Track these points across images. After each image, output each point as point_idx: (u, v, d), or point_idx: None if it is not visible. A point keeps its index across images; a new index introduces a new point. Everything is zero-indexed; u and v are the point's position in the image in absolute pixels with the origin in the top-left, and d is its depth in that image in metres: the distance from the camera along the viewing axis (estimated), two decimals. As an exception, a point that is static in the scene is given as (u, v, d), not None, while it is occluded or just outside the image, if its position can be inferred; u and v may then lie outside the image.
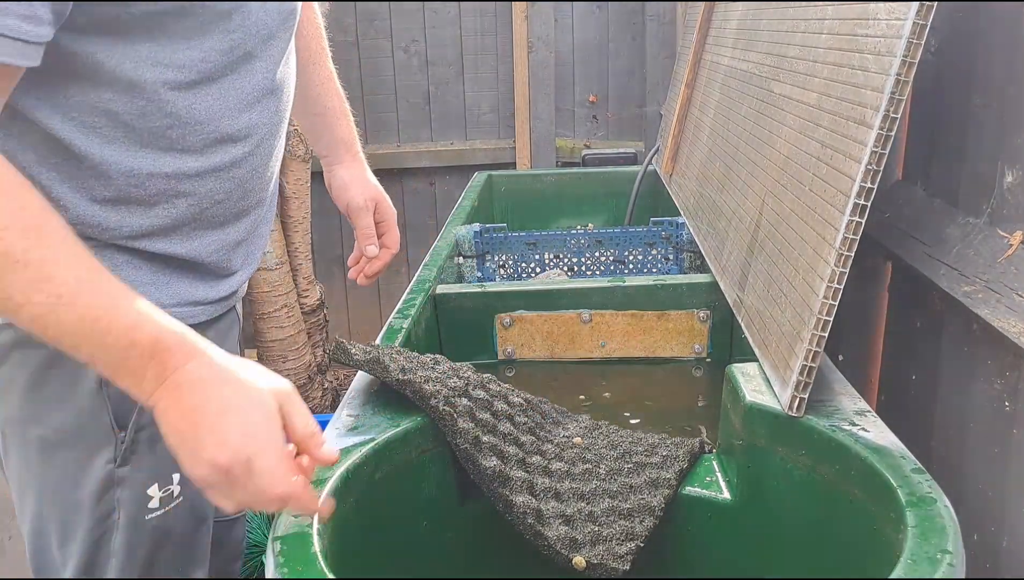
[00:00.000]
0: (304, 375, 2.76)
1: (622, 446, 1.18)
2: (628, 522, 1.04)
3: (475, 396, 1.12)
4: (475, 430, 1.07)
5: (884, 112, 0.94)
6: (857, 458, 0.93)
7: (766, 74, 1.45)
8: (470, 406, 1.10)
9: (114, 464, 1.06)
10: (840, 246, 0.97)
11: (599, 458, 1.15)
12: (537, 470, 1.08)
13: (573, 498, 1.07)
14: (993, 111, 1.15)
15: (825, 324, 0.98)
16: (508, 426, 1.12)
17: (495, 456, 1.06)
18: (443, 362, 1.20)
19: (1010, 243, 1.07)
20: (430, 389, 1.07)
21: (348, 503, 0.93)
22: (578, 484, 1.08)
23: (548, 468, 1.10)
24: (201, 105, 0.99)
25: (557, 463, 1.12)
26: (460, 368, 1.19)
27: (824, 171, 1.07)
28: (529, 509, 1.02)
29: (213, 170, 1.03)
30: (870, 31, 1.02)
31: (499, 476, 1.03)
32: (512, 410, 1.16)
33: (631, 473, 1.12)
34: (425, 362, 1.18)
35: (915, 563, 0.77)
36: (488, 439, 1.07)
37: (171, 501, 1.10)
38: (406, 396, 1.08)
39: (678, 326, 1.58)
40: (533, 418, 1.19)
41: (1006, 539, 1.09)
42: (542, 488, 1.06)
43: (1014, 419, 1.06)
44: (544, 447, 1.14)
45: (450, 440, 1.05)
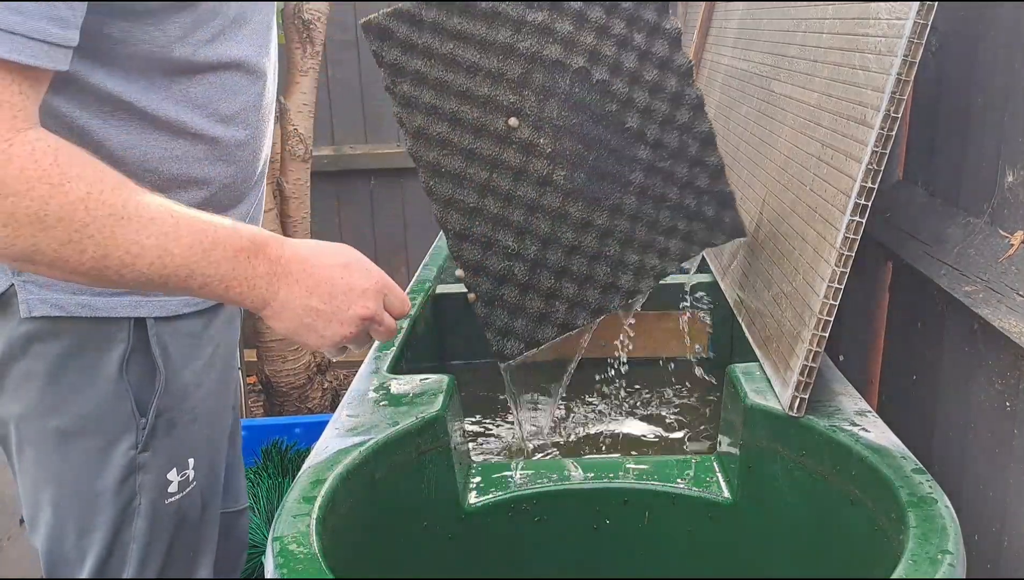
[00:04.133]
0: (304, 375, 2.76)
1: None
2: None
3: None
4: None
5: (885, 112, 0.94)
6: (858, 458, 0.93)
7: (766, 74, 1.45)
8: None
9: (136, 450, 1.07)
10: (841, 246, 0.97)
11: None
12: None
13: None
14: (994, 111, 1.15)
15: (826, 324, 0.98)
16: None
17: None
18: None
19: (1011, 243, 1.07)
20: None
21: (348, 503, 0.93)
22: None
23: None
24: (198, 90, 1.00)
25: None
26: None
27: (825, 171, 1.07)
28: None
29: (220, 154, 1.05)
30: (871, 31, 1.02)
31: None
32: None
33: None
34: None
35: (916, 563, 0.77)
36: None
37: (187, 485, 1.13)
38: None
39: (678, 326, 1.58)
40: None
41: (1007, 539, 1.08)
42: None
43: (1015, 419, 1.06)
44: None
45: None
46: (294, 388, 2.71)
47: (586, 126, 1.13)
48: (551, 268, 1.15)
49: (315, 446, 1.01)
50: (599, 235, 1.16)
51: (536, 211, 1.13)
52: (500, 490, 1.09)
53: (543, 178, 1.12)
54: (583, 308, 1.17)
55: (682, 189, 1.18)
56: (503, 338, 1.15)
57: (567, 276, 1.16)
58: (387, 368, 1.24)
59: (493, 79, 1.10)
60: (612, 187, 1.15)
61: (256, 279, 0.89)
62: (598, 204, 1.15)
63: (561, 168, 1.13)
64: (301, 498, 0.89)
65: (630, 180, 1.16)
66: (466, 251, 1.13)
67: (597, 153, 1.14)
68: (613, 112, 1.14)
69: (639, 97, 1.15)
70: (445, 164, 1.10)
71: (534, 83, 1.11)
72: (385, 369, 1.23)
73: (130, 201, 0.83)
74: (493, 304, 1.15)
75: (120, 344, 1.04)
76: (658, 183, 1.17)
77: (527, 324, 1.16)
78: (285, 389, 2.71)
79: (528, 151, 1.11)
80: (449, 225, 1.12)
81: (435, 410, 1.07)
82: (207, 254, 0.86)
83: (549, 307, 1.16)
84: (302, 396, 2.74)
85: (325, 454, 0.98)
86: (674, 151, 1.17)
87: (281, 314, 0.91)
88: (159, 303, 1.05)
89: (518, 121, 1.11)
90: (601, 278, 1.17)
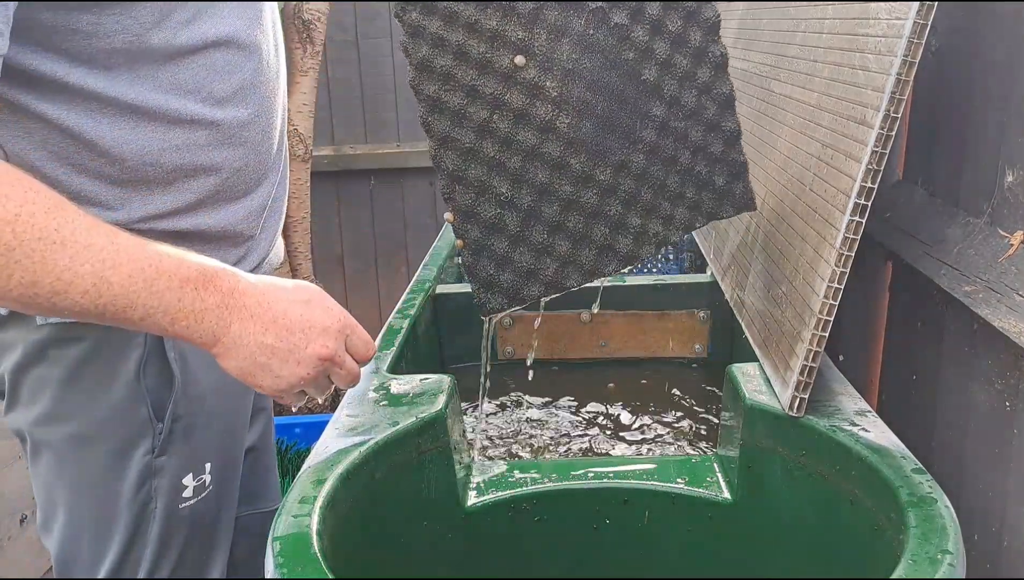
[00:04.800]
0: (304, 375, 2.76)
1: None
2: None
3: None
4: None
5: (885, 112, 0.94)
6: (858, 458, 0.93)
7: (766, 74, 1.45)
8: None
9: (152, 455, 1.07)
10: (840, 246, 0.97)
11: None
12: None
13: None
14: (994, 111, 1.15)
15: (825, 324, 0.98)
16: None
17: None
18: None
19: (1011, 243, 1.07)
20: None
21: (348, 503, 0.93)
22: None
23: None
24: (187, 74, 0.99)
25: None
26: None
27: (825, 171, 1.07)
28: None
29: (225, 138, 1.04)
30: (871, 31, 1.02)
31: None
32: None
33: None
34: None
35: (916, 563, 0.77)
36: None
37: (203, 490, 1.13)
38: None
39: (678, 326, 1.58)
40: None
41: (1007, 539, 1.08)
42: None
43: (1015, 419, 1.06)
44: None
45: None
46: (294, 388, 2.71)
47: (598, 72, 1.07)
48: (545, 221, 1.09)
49: (315, 446, 1.01)
50: (600, 192, 1.09)
51: (535, 158, 1.07)
52: (500, 490, 1.09)
53: (545, 124, 1.06)
54: (576, 269, 1.11)
55: (694, 153, 1.12)
56: (487, 290, 1.09)
57: (562, 232, 1.09)
58: (387, 368, 1.24)
59: (503, 11, 1.05)
60: (619, 142, 1.09)
61: (204, 312, 0.82)
62: (602, 158, 1.09)
63: (566, 115, 1.06)
64: (301, 498, 0.89)
65: (639, 137, 1.09)
66: (459, 194, 1.07)
67: (607, 103, 1.08)
68: (629, 60, 1.07)
69: (659, 48, 1.08)
70: (446, 99, 1.05)
71: (546, 19, 1.05)
72: (385, 369, 1.23)
73: (65, 225, 0.77)
74: (481, 253, 1.08)
75: (136, 349, 1.04)
76: (669, 144, 1.11)
77: (514, 278, 1.09)
78: (285, 389, 2.71)
79: (533, 93, 1.06)
80: (444, 164, 1.07)
81: (435, 410, 1.07)
82: (149, 284, 0.80)
83: (539, 263, 1.10)
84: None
85: (325, 454, 0.98)
86: (690, 111, 1.10)
87: (233, 351, 0.84)
88: None
89: (525, 60, 1.05)
90: (598, 239, 1.10)
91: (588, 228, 1.10)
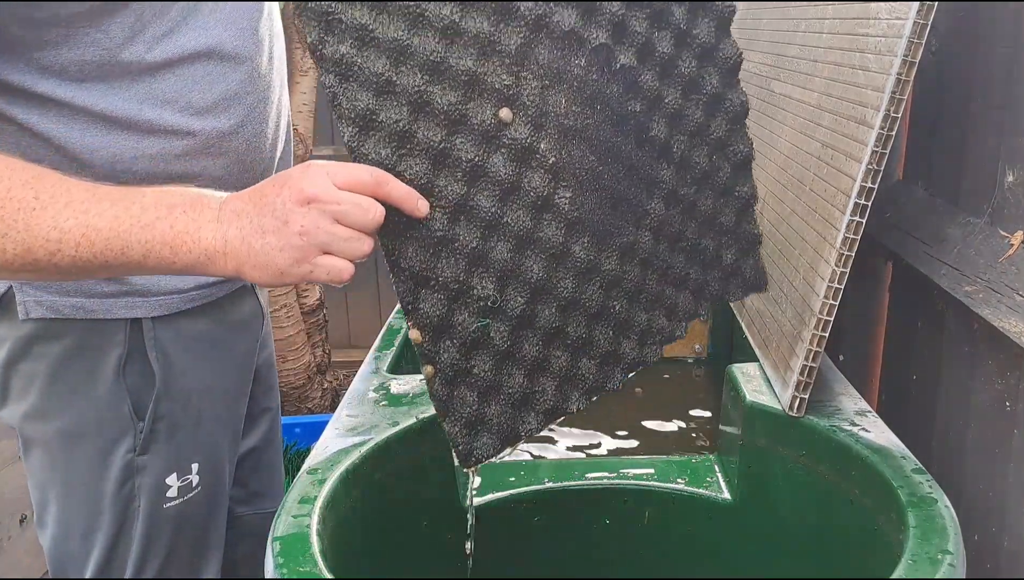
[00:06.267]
0: (303, 375, 2.76)
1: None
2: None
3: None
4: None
5: (885, 112, 0.94)
6: (858, 458, 0.93)
7: (766, 74, 1.45)
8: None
9: (134, 453, 1.07)
10: (841, 246, 0.96)
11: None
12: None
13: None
14: (994, 111, 1.15)
15: (826, 324, 0.98)
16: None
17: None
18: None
19: (1011, 243, 1.07)
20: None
21: (348, 503, 0.93)
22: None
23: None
24: (164, 85, 0.97)
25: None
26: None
27: (825, 171, 1.07)
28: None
29: (202, 148, 1.01)
30: (871, 31, 1.02)
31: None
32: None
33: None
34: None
35: (916, 563, 0.77)
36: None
37: (190, 491, 1.12)
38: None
39: (678, 326, 1.58)
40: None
41: (1007, 539, 1.08)
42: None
43: (1015, 419, 1.06)
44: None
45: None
46: (294, 388, 2.71)
47: (602, 129, 0.85)
48: (541, 330, 0.86)
49: (315, 446, 1.01)
50: (605, 285, 0.88)
51: (528, 246, 0.84)
52: (500, 490, 1.09)
53: (542, 199, 0.83)
54: (576, 386, 0.90)
55: (702, 225, 0.94)
56: (470, 432, 0.85)
57: (559, 341, 0.87)
58: (387, 368, 1.24)
59: (481, 49, 0.80)
60: (627, 218, 0.88)
61: (199, 230, 0.79)
62: (608, 241, 0.87)
63: (567, 187, 0.84)
64: (301, 498, 0.89)
65: (647, 210, 0.89)
66: (425, 302, 0.82)
67: (614, 169, 0.86)
68: (636, 113, 0.87)
69: (670, 96, 0.89)
70: (402, 169, 0.79)
71: (538, 60, 0.82)
72: (385, 369, 1.23)
73: (43, 192, 0.80)
74: (458, 381, 0.84)
75: (117, 347, 1.04)
76: (676, 216, 0.92)
77: (504, 410, 0.86)
78: (285, 389, 2.71)
79: (524, 158, 0.82)
80: (403, 261, 0.80)
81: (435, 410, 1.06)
82: (137, 219, 0.80)
83: (533, 385, 0.87)
84: (302, 396, 2.74)
85: (325, 454, 0.97)
86: (701, 174, 0.92)
87: (242, 256, 0.79)
88: (156, 302, 1.05)
89: (512, 114, 0.81)
90: (602, 344, 0.90)
91: (591, 332, 0.89)
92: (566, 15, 0.83)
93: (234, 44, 1.02)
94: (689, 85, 0.90)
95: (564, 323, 0.87)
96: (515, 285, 0.84)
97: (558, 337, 0.88)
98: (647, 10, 0.86)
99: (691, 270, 0.94)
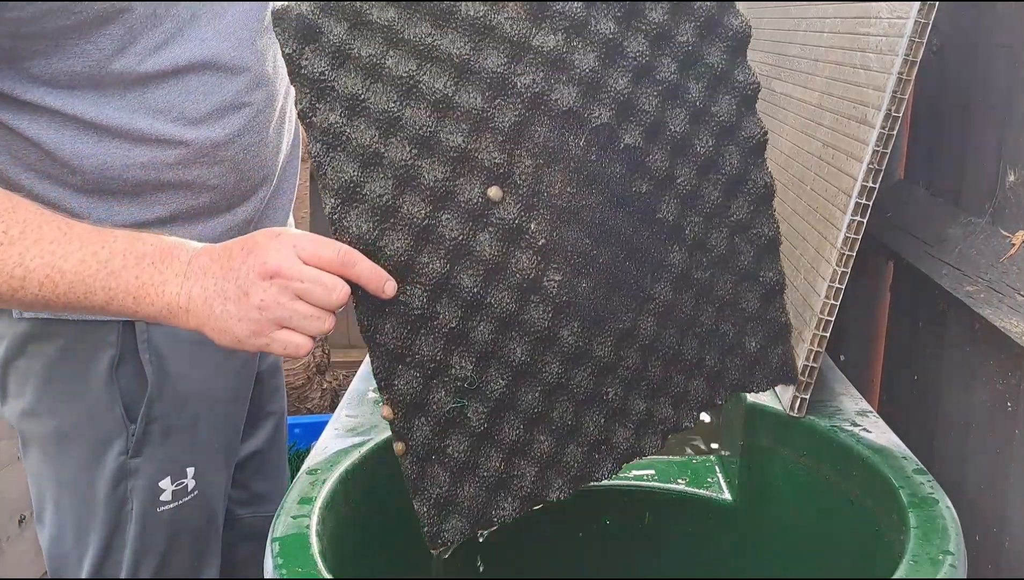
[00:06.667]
0: (303, 375, 2.76)
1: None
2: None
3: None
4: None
5: (886, 111, 0.93)
6: (859, 459, 0.93)
7: (767, 73, 1.44)
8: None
9: (126, 455, 1.07)
10: (842, 246, 0.96)
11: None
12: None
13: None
14: (995, 110, 1.14)
15: (827, 324, 0.98)
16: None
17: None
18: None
19: (1012, 243, 1.07)
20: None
21: (347, 504, 0.93)
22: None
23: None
24: (157, 95, 0.96)
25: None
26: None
27: (826, 170, 1.07)
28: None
29: (196, 157, 1.00)
30: (872, 30, 1.02)
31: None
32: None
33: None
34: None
35: (917, 564, 0.77)
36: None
37: (185, 495, 1.11)
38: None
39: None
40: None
41: (1008, 540, 1.08)
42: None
43: (1016, 419, 1.06)
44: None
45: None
46: (293, 388, 2.71)
47: (600, 211, 0.81)
48: (523, 413, 0.82)
49: (315, 446, 1.01)
50: (597, 372, 0.83)
51: (512, 328, 0.80)
52: (500, 490, 1.09)
53: (529, 282, 0.80)
54: (559, 473, 0.85)
55: (720, 310, 0.88)
56: (439, 512, 0.82)
57: (542, 426, 0.83)
58: (387, 368, 1.23)
59: (473, 124, 0.78)
60: (625, 303, 0.83)
61: (164, 285, 0.78)
62: (602, 327, 0.83)
63: (557, 270, 0.80)
64: (300, 498, 0.89)
65: (651, 294, 0.84)
66: (400, 379, 0.79)
67: (611, 253, 0.82)
68: (642, 194, 0.83)
69: (682, 176, 0.84)
70: (383, 244, 0.77)
71: (533, 138, 0.79)
72: (385, 369, 1.23)
73: (13, 227, 0.78)
74: (430, 461, 0.81)
75: (109, 348, 1.03)
76: (688, 300, 0.86)
77: (477, 493, 0.82)
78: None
79: (512, 239, 0.79)
80: (379, 337, 0.78)
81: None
82: (104, 266, 0.78)
83: (511, 469, 0.83)
84: (301, 396, 2.74)
85: (325, 454, 0.97)
86: (719, 257, 0.87)
87: (203, 317, 0.78)
88: None
89: (501, 193, 0.78)
90: (591, 432, 0.85)
91: (579, 418, 0.84)
92: (566, 93, 0.79)
93: (232, 55, 1.01)
94: (706, 165, 0.85)
95: (549, 408, 0.83)
96: (496, 366, 0.81)
97: (541, 421, 0.83)
98: (660, 87, 0.82)
99: (706, 356, 0.89)
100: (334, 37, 0.76)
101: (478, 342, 0.80)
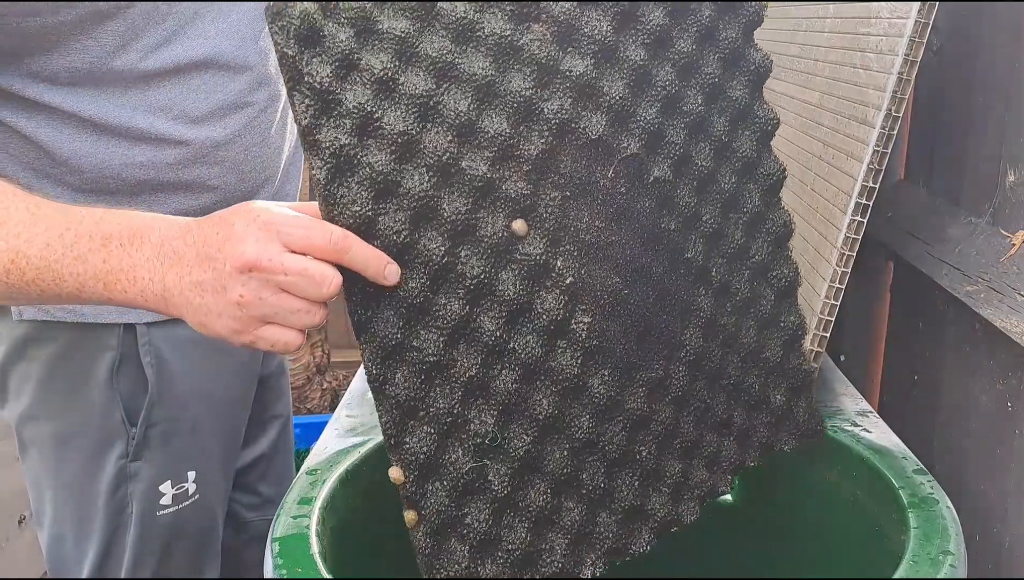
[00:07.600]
0: (303, 375, 2.76)
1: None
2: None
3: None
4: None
5: (886, 111, 0.93)
6: (859, 459, 0.93)
7: (767, 73, 1.44)
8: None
9: (126, 459, 1.06)
10: (842, 246, 0.96)
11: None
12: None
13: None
14: (996, 110, 1.14)
15: (827, 324, 0.98)
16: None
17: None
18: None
19: (1013, 243, 1.07)
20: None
21: (347, 504, 0.93)
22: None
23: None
24: (158, 94, 0.96)
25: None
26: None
27: (826, 170, 1.07)
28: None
29: (196, 157, 1.00)
30: (872, 30, 1.02)
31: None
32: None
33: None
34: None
35: (917, 564, 0.77)
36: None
37: (185, 499, 1.11)
38: None
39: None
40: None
41: (1008, 540, 1.08)
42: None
43: (1016, 420, 1.06)
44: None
45: None
46: (293, 388, 2.71)
47: (629, 248, 0.75)
48: (549, 475, 0.73)
49: (314, 446, 1.01)
50: (629, 426, 0.76)
51: (537, 377, 0.72)
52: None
53: (556, 324, 0.72)
54: (592, 547, 0.75)
55: (744, 360, 0.82)
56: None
57: (572, 490, 0.74)
58: (387, 368, 1.23)
59: (498, 152, 0.71)
60: (656, 350, 0.76)
61: (135, 269, 0.70)
62: (633, 376, 0.75)
63: (585, 312, 0.73)
64: (300, 499, 0.89)
65: (682, 342, 0.78)
66: (412, 437, 0.70)
67: (641, 294, 0.75)
68: (671, 232, 0.77)
69: (708, 214, 0.79)
70: (398, 285, 0.69)
71: (559, 168, 0.72)
72: (385, 369, 1.23)
73: None
74: (447, 533, 0.72)
75: (109, 352, 1.03)
76: (716, 349, 0.80)
77: (502, 572, 0.72)
78: (285, 389, 2.71)
79: (537, 277, 0.72)
80: (389, 388, 0.70)
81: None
82: (69, 249, 0.71)
83: (538, 542, 0.73)
84: (301, 396, 2.75)
85: (324, 454, 0.97)
86: (742, 301, 0.82)
87: (178, 304, 0.70)
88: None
89: (527, 226, 0.71)
90: (624, 497, 0.76)
91: (611, 481, 0.76)
92: (594, 120, 0.73)
93: (234, 54, 1.00)
94: (729, 203, 0.81)
95: (578, 469, 0.74)
96: (520, 421, 0.73)
97: (571, 485, 0.74)
98: (687, 119, 0.77)
99: (735, 413, 0.83)
100: (339, 43, 0.68)
101: (500, 392, 0.72)
